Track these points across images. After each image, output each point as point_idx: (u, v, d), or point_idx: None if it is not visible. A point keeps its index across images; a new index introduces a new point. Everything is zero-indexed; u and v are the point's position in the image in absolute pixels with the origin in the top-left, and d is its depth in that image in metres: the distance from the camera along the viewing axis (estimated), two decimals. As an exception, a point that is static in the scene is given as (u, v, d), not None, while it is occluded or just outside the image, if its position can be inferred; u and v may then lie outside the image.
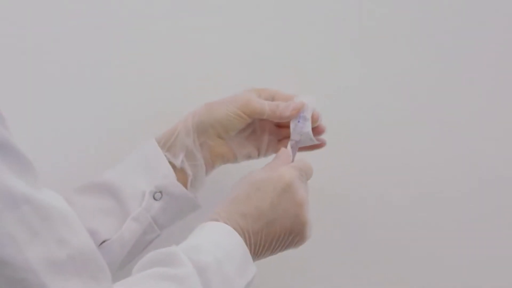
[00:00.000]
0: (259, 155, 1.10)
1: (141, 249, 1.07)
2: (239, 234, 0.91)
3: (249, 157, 1.10)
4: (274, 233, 0.94)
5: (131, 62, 1.19)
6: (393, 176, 1.24)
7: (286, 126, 1.08)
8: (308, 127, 1.05)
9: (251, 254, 0.91)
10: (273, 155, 1.08)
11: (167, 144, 1.06)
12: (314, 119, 1.05)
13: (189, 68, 1.21)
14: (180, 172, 1.06)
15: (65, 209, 0.75)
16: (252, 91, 1.08)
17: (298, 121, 1.04)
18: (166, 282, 0.81)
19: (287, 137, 1.09)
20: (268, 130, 1.10)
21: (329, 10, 1.21)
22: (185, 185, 1.06)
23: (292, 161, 1.03)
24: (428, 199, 1.25)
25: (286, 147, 1.05)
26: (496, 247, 1.26)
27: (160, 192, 1.04)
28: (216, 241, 0.89)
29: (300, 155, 1.05)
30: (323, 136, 1.08)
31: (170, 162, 1.06)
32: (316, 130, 1.06)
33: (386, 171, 1.24)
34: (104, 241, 1.02)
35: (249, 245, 0.91)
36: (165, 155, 1.05)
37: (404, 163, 1.24)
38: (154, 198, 1.04)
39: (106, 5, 1.18)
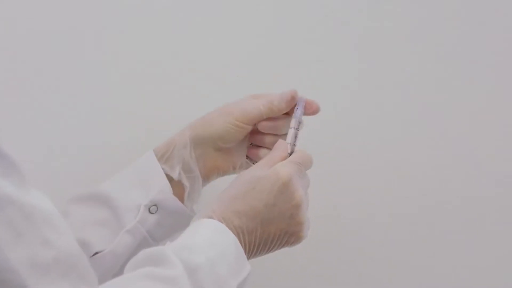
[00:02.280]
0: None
1: None
2: (234, 233, 0.90)
3: (246, 168, 1.08)
4: (269, 233, 0.92)
5: (129, 61, 1.20)
6: (393, 176, 1.24)
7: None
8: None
9: (245, 253, 0.90)
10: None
11: (164, 157, 1.05)
12: (314, 110, 1.03)
13: (188, 68, 1.21)
14: (177, 185, 1.05)
15: (51, 210, 0.74)
16: (246, 98, 1.06)
17: (297, 108, 1.02)
18: (154, 283, 0.80)
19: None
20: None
21: (330, 10, 1.22)
22: (182, 197, 1.05)
23: (293, 149, 1.01)
24: (428, 198, 1.25)
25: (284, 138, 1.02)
26: (496, 248, 1.26)
27: (156, 205, 1.03)
28: (209, 240, 0.88)
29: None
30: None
31: (167, 175, 1.05)
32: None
33: (386, 171, 1.24)
34: (96, 253, 1.01)
35: (243, 243, 0.90)
36: (163, 168, 1.05)
37: (404, 162, 1.24)
38: (150, 212, 1.03)
39: (104, 7, 1.19)
